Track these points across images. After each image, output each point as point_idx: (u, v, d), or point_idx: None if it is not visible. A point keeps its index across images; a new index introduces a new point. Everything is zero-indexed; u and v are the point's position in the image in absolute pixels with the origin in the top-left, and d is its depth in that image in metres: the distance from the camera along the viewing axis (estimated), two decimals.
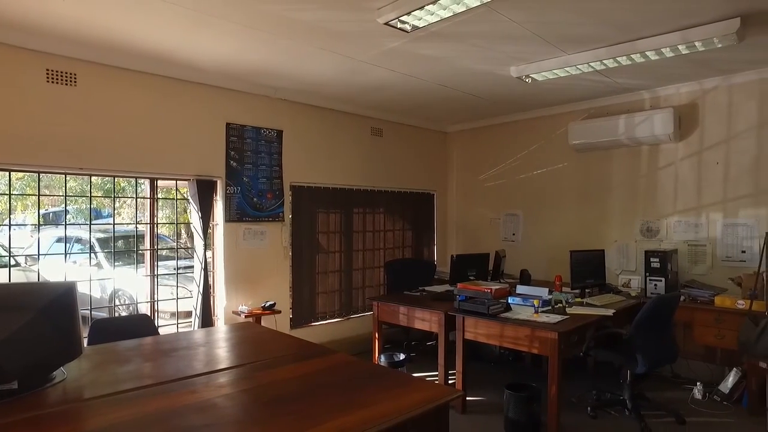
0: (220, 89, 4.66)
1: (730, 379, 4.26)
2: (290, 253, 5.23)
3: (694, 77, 4.69)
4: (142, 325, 3.22)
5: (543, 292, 4.27)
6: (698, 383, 4.39)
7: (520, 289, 4.52)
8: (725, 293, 4.40)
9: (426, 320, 4.17)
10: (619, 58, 3.85)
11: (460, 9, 3.02)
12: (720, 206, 4.73)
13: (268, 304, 4.73)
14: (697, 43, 3.51)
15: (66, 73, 3.79)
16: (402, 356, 4.50)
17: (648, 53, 3.73)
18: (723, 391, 4.26)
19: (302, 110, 5.34)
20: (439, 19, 3.17)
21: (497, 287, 3.73)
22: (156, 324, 4.34)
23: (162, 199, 4.77)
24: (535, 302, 3.71)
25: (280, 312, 4.83)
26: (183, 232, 8.50)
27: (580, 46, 3.84)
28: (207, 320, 4.41)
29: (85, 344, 2.70)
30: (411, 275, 5.48)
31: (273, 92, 5.02)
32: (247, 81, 4.73)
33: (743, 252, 4.58)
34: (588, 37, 3.66)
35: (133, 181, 4.45)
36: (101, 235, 7.09)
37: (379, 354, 4.57)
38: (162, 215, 4.67)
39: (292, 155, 5.24)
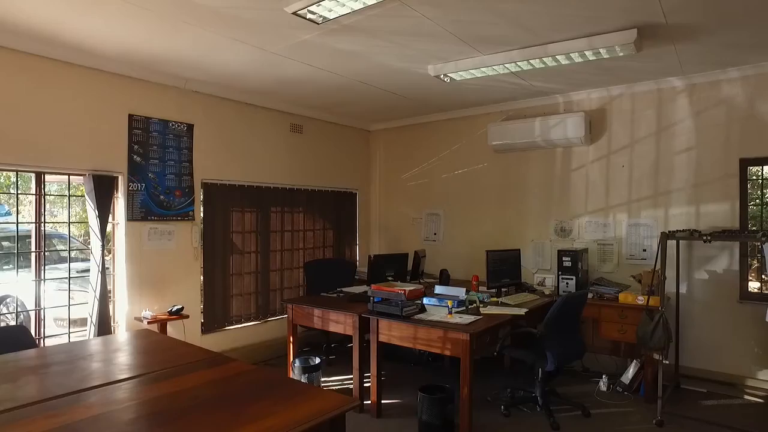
0: (122, 77, 4.29)
1: (631, 371, 4.48)
2: (201, 254, 4.93)
3: (603, 84, 4.90)
4: (17, 338, 2.88)
5: (460, 292, 4.27)
6: (604, 376, 4.59)
7: (438, 289, 4.50)
8: (628, 290, 4.62)
9: (340, 323, 4.05)
10: (531, 61, 3.92)
11: (371, 1, 2.93)
12: (625, 207, 4.97)
13: (175, 308, 4.41)
14: (601, 50, 3.63)
15: None
16: (318, 360, 4.35)
17: (558, 57, 3.82)
18: (624, 382, 4.47)
19: (215, 103, 5.05)
20: (350, 11, 3.06)
21: (411, 288, 3.67)
22: (41, 334, 3.95)
23: (54, 195, 4.32)
24: (449, 303, 3.70)
25: (188, 317, 4.53)
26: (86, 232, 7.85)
27: (495, 47, 3.86)
28: (104, 328, 4.05)
29: None
30: (331, 276, 5.34)
31: (183, 83, 4.70)
32: (154, 70, 4.39)
33: (644, 251, 4.83)
34: (502, 38, 3.68)
35: (27, 176, 3.98)
36: None
37: (294, 358, 4.40)
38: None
39: (204, 151, 4.94)
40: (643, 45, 3.66)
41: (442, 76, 4.38)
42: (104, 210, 4.12)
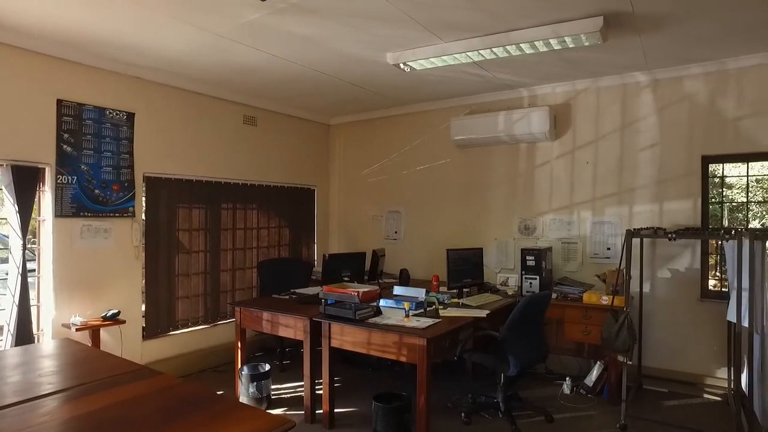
0: (49, 58, 3.88)
1: (594, 373, 4.36)
2: (143, 254, 4.54)
3: (568, 78, 4.76)
4: None
5: (420, 293, 4.05)
6: (567, 378, 4.45)
7: (397, 290, 4.27)
8: (592, 289, 4.50)
9: (290, 327, 3.77)
10: (495, 49, 3.72)
11: None
12: (589, 205, 4.85)
13: (110, 313, 4.03)
14: (567, 39, 3.47)
15: None
16: (267, 367, 4.06)
17: (522, 46, 3.64)
18: (588, 384, 4.35)
19: (160, 91, 4.67)
20: None
21: (365, 290, 3.43)
22: None
23: None
24: (406, 305, 3.46)
25: (124, 322, 4.15)
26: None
27: (456, 33, 3.65)
28: (24, 337, 3.64)
29: None
30: (286, 276, 5.05)
31: (123, 68, 4.32)
32: (88, 51, 4.00)
33: (608, 249, 4.73)
34: (463, 24, 3.47)
35: None
36: None
37: (242, 365, 4.09)
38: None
39: (147, 142, 4.56)
40: (609, 35, 3.51)
41: (401, 64, 4.15)
42: (26, 205, 3.71)
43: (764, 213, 5.31)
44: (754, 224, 4.76)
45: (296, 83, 4.92)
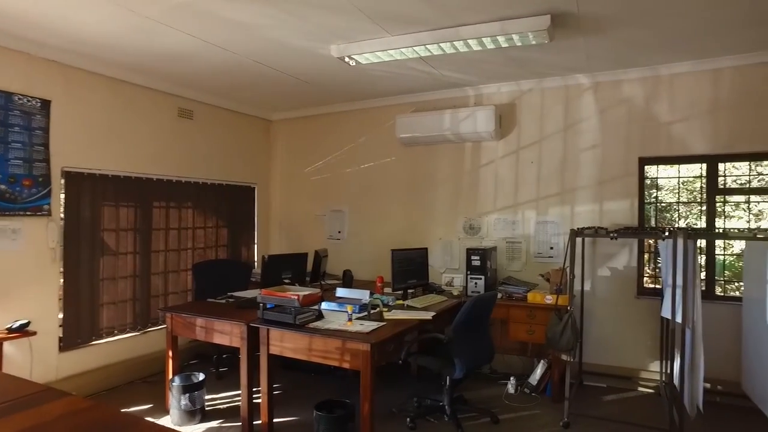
0: None
1: (538, 371, 4.39)
2: (60, 256, 4.13)
3: (513, 78, 4.77)
4: None
5: (363, 295, 3.92)
6: (512, 378, 4.46)
7: (340, 292, 4.12)
8: (536, 289, 4.53)
9: (226, 333, 3.52)
10: (442, 45, 3.64)
11: None
12: (533, 204, 4.89)
13: (17, 324, 3.61)
14: (515, 36, 3.43)
15: None
16: (201, 376, 3.79)
17: (470, 42, 3.57)
18: (532, 383, 4.37)
19: (82, 78, 4.26)
20: None
21: (306, 293, 3.25)
22: None
23: None
24: (349, 308, 3.31)
25: (35, 333, 3.73)
26: None
27: (404, 26, 3.54)
28: None
29: None
30: (224, 279, 4.76)
31: (34, 49, 3.88)
32: None
33: (551, 248, 4.77)
34: (411, 17, 3.36)
35: None
36: None
37: (173, 375, 3.79)
38: None
39: (66, 134, 4.15)
40: (555, 34, 3.51)
41: (346, 58, 3.99)
42: None
43: (688, 213, 5.56)
44: (681, 224, 4.96)
45: (234, 74, 4.64)
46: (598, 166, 4.61)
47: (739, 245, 4.72)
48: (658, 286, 4.47)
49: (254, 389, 3.49)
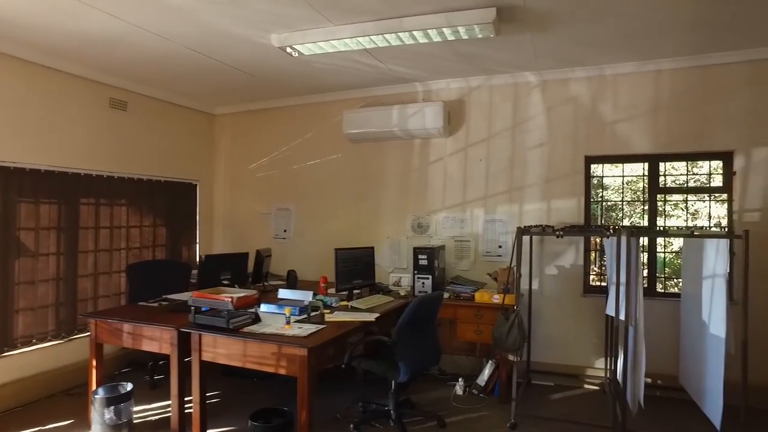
0: None
1: (486, 372, 4.34)
2: None
3: (462, 74, 4.71)
4: None
5: (306, 297, 3.74)
6: (460, 379, 4.39)
7: (282, 293, 3.92)
8: (484, 288, 4.48)
9: (156, 339, 3.27)
10: (387, 36, 3.51)
11: None
12: (482, 202, 4.84)
13: None
14: (460, 29, 3.35)
15: None
16: (129, 387, 3.50)
17: (416, 34, 3.46)
18: (480, 384, 4.31)
19: None
20: None
21: (241, 295, 3.05)
22: None
23: None
24: (287, 311, 3.13)
25: None
26: None
27: (347, 16, 3.38)
28: None
29: None
30: (161, 280, 4.45)
31: None
32: None
33: (500, 247, 4.74)
34: (354, 6, 3.21)
35: None
36: None
37: (98, 386, 3.49)
38: None
39: None
40: (502, 29, 3.45)
41: (288, 48, 3.80)
42: None
43: (632, 212, 5.69)
44: (625, 222, 5.05)
45: (170, 63, 4.36)
46: (546, 165, 4.61)
47: (677, 243, 4.85)
48: (604, 284, 4.51)
49: (188, 398, 3.26)
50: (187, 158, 5.74)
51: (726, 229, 4.13)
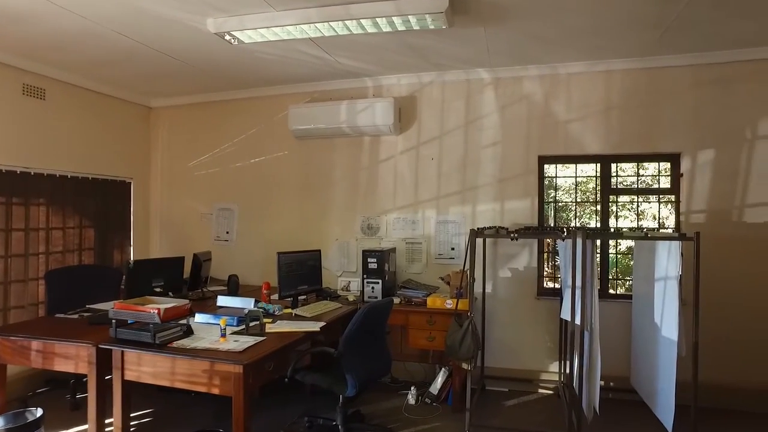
0: None
1: (439, 380, 4.18)
2: None
3: (414, 69, 4.53)
4: None
5: (248, 304, 3.45)
6: (413, 387, 4.20)
7: (222, 300, 3.62)
8: (437, 292, 4.31)
9: (71, 358, 2.88)
10: (333, 24, 3.26)
11: None
12: (434, 203, 4.68)
13: None
14: (411, 18, 3.15)
15: None
16: (39, 412, 3.08)
17: (363, 22, 3.24)
18: (433, 392, 4.14)
19: None
20: None
21: (170, 305, 2.72)
22: None
23: None
24: (222, 322, 2.82)
25: None
26: None
27: (290, 1, 3.12)
28: None
29: None
30: (86, 289, 4.02)
31: None
32: None
33: (453, 249, 4.59)
34: None
35: None
36: None
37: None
38: None
39: None
40: (455, 21, 3.28)
41: (226, 35, 3.49)
42: None
43: (583, 213, 5.70)
44: (576, 223, 5.03)
45: (92, 46, 3.92)
46: (499, 164, 4.50)
47: (625, 243, 4.88)
48: (557, 286, 4.44)
49: (110, 421, 2.89)
50: (119, 154, 5.27)
51: (673, 230, 4.15)
